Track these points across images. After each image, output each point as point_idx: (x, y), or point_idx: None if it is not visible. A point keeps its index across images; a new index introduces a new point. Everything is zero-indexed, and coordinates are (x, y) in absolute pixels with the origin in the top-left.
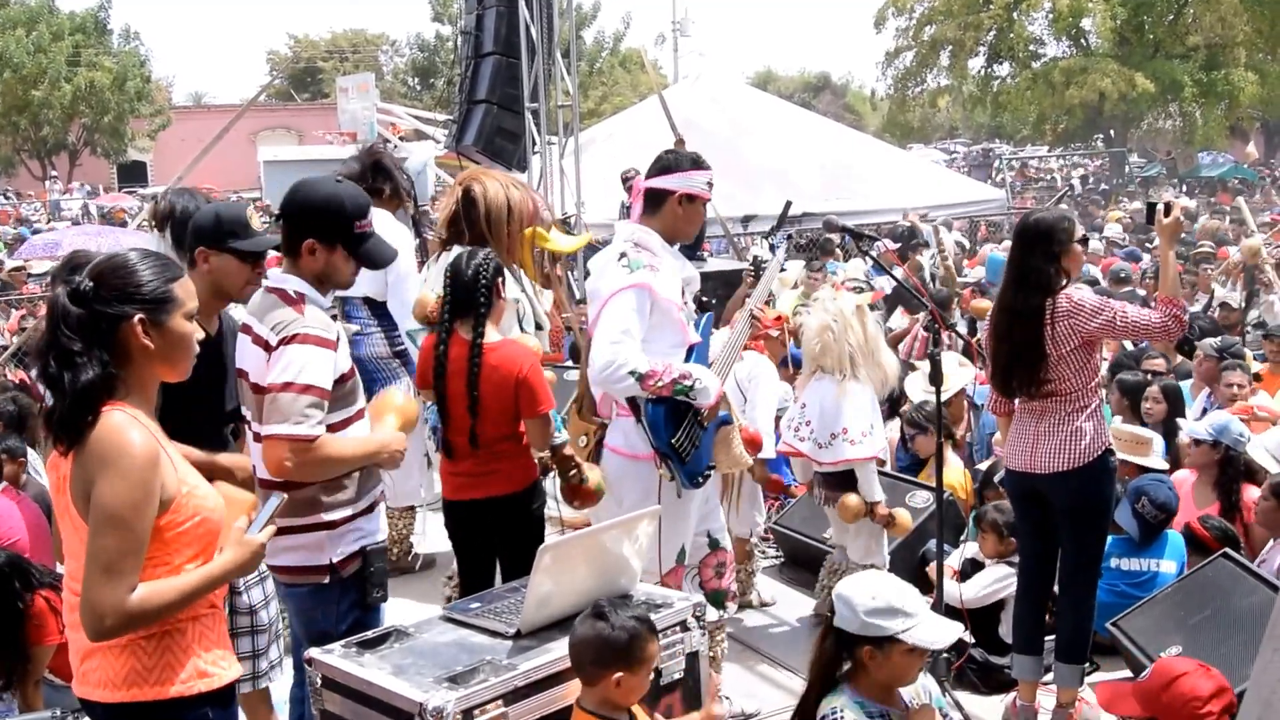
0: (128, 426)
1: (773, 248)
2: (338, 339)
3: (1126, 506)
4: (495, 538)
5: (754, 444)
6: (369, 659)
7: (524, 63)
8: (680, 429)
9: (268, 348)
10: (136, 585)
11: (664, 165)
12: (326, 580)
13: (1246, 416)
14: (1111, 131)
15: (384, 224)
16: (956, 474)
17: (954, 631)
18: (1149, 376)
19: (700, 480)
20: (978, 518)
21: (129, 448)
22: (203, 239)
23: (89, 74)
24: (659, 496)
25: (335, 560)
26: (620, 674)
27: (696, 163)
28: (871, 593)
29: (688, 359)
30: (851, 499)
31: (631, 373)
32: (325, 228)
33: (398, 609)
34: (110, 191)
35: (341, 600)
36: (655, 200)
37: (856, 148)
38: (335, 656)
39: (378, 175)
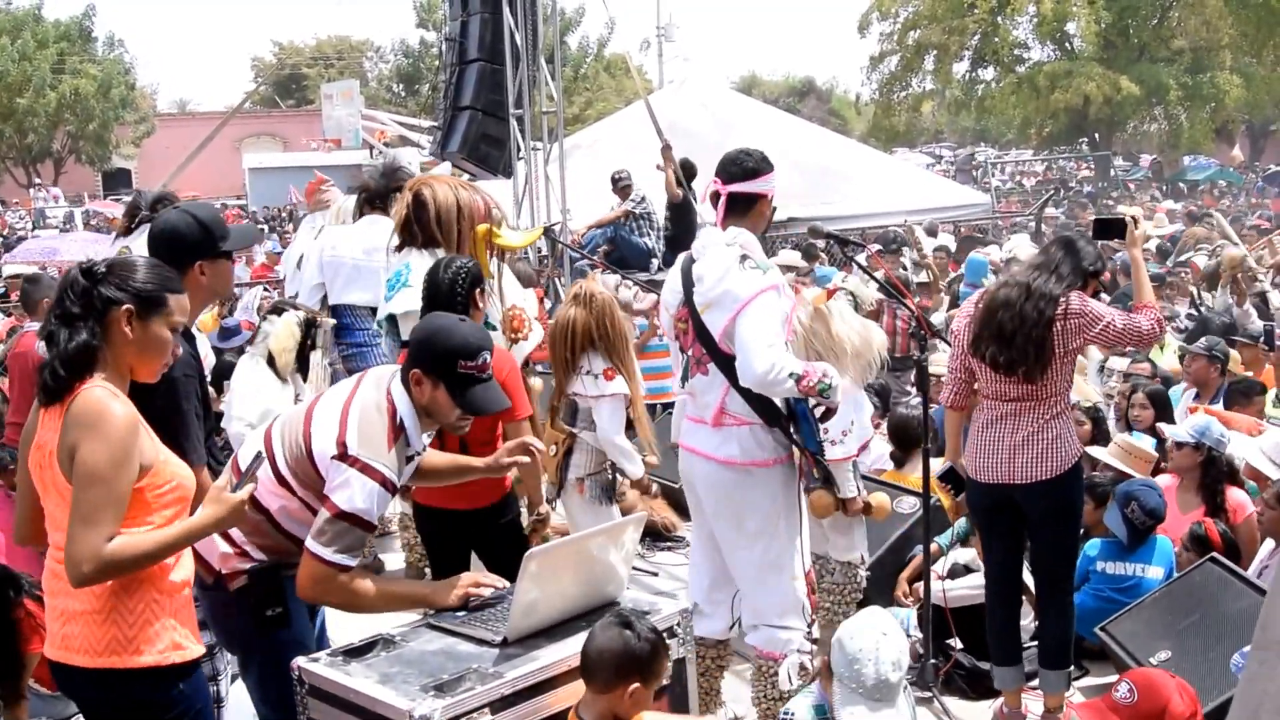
0: (109, 398)
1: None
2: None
3: (1116, 511)
4: (467, 547)
5: None
6: (355, 667)
7: (508, 69)
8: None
9: (342, 446)
10: (114, 535)
11: (751, 170)
12: (212, 583)
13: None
14: (1097, 135)
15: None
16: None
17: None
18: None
19: None
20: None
21: (110, 414)
22: (201, 252)
23: (74, 81)
24: (782, 500)
25: (224, 571)
26: (636, 684)
27: (770, 163)
28: None
29: None
30: (823, 497)
31: (790, 374)
32: (436, 365)
33: (384, 617)
34: (95, 199)
35: (240, 614)
36: (744, 204)
37: (842, 152)
38: (321, 665)
39: (395, 195)
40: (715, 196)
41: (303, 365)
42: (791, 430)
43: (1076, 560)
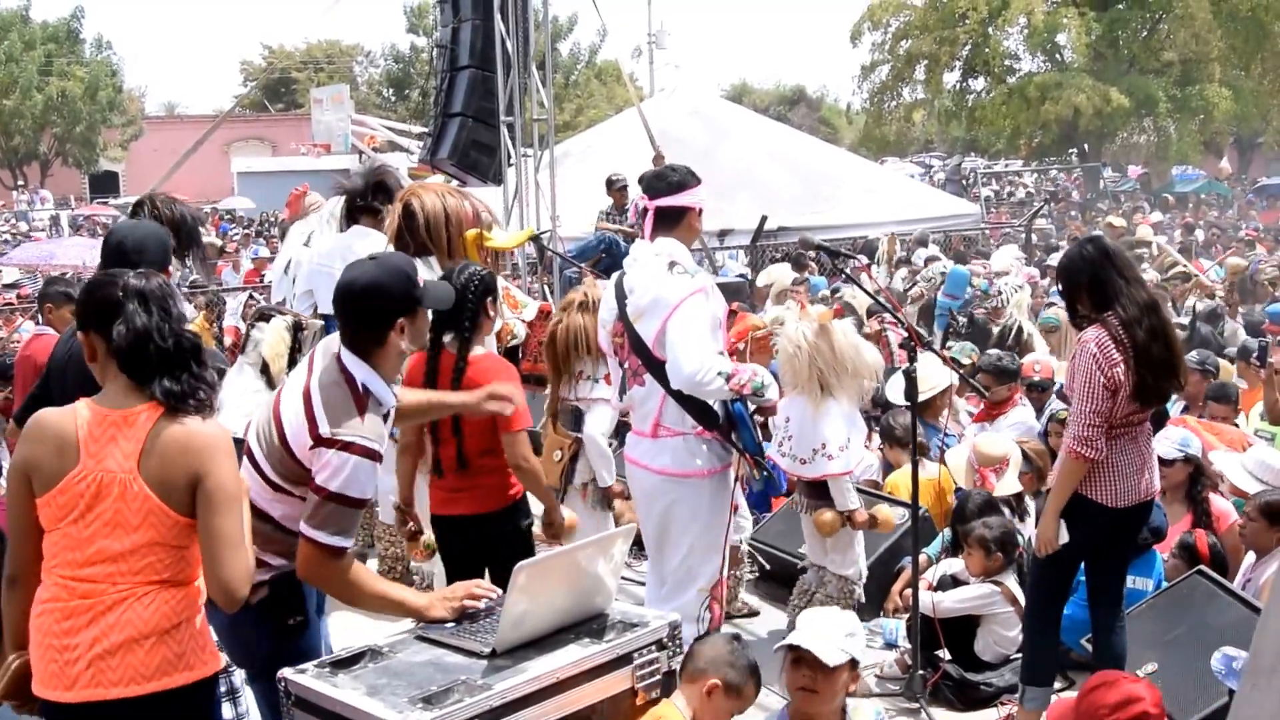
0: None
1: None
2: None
3: None
4: (480, 553)
5: None
6: (343, 679)
7: (499, 76)
8: (754, 428)
9: (315, 432)
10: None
11: (676, 184)
12: None
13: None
14: (1086, 146)
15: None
16: (930, 472)
17: None
18: None
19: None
20: (964, 534)
21: (217, 434)
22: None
23: (61, 83)
24: (705, 511)
25: None
26: (715, 682)
27: (696, 177)
28: None
29: None
30: (826, 515)
31: (719, 373)
32: (405, 302)
33: (370, 627)
34: (82, 202)
35: (259, 625)
36: (672, 217)
37: (832, 161)
38: (309, 676)
39: (378, 194)
40: (644, 213)
41: (292, 369)
42: (731, 434)
43: None
